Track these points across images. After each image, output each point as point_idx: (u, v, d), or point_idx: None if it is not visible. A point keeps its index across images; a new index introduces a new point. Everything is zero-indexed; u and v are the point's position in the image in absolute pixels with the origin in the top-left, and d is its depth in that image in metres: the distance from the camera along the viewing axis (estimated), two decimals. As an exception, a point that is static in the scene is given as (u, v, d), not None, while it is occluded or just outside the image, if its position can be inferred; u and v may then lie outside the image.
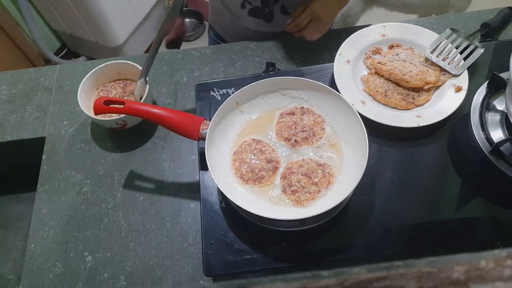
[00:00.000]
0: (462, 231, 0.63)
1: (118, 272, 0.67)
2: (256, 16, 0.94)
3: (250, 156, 0.66)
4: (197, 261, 0.67)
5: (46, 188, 0.77)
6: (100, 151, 0.80)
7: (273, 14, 0.93)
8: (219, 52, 0.92)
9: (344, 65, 0.79)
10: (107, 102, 0.66)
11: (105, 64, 0.82)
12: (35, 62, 1.92)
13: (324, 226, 0.63)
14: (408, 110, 0.74)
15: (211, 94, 0.79)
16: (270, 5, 0.91)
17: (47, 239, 0.71)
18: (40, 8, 1.85)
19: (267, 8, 0.92)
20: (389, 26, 0.83)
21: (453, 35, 0.79)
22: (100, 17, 1.72)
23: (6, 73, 0.93)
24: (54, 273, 0.68)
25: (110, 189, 0.76)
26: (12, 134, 0.84)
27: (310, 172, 0.63)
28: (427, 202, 0.66)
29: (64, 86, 0.90)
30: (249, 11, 0.93)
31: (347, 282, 0.18)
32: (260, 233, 0.64)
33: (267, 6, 0.92)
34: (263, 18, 0.95)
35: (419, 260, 0.18)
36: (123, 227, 0.72)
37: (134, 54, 2.01)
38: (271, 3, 0.91)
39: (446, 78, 0.76)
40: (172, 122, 0.65)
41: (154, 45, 0.72)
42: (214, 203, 0.68)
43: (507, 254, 0.18)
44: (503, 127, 0.68)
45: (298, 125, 0.68)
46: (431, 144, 0.72)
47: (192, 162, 0.77)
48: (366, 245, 0.63)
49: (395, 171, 0.69)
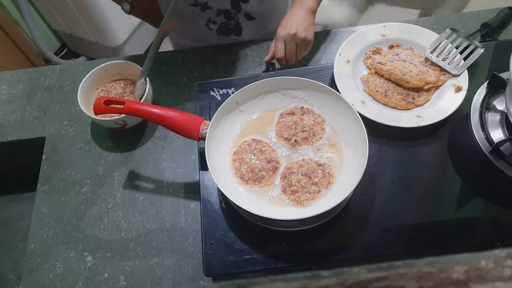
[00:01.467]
0: (462, 231, 0.63)
1: (118, 272, 0.67)
2: (225, 34, 0.93)
3: (250, 156, 0.66)
4: (197, 261, 0.67)
5: (46, 188, 0.77)
6: (100, 151, 0.80)
7: (240, 24, 0.92)
8: (219, 52, 0.92)
9: (344, 65, 0.79)
10: (107, 102, 0.66)
11: (105, 64, 0.82)
12: (35, 62, 1.92)
13: (324, 226, 0.63)
14: (408, 110, 0.74)
15: (211, 94, 0.79)
16: (233, 16, 0.89)
17: (47, 239, 0.71)
18: (40, 8, 1.85)
19: (232, 21, 0.90)
20: (389, 26, 0.83)
21: (453, 35, 0.79)
22: (100, 17, 1.72)
23: (6, 73, 0.93)
24: (54, 273, 0.68)
25: (110, 189, 0.76)
26: (12, 134, 0.84)
27: (310, 172, 0.63)
28: (427, 202, 0.66)
29: (64, 86, 0.90)
30: (217, 30, 0.92)
31: (347, 282, 0.18)
32: (260, 233, 0.64)
33: (231, 18, 0.90)
34: (233, 33, 0.93)
35: (419, 260, 0.18)
36: (123, 227, 0.72)
37: (134, 54, 2.00)
38: (233, 13, 0.89)
39: (446, 78, 0.76)
40: (172, 122, 0.65)
41: (154, 45, 0.72)
42: (214, 203, 0.68)
43: (507, 254, 0.18)
44: (503, 127, 0.68)
45: (298, 125, 0.68)
46: (431, 144, 0.72)
47: (192, 162, 0.77)
48: (366, 245, 0.63)
49: (395, 171, 0.69)
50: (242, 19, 0.91)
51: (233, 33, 0.94)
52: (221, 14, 0.88)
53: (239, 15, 0.89)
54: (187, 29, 0.95)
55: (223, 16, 0.89)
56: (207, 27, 0.91)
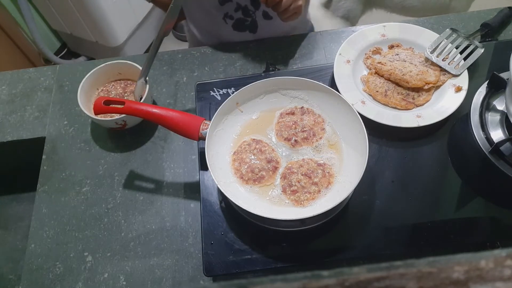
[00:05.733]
0: (462, 231, 0.63)
1: (118, 272, 0.67)
2: (240, 30, 0.93)
3: (250, 156, 0.66)
4: (197, 261, 0.67)
5: (46, 188, 0.77)
6: (100, 151, 0.80)
7: (256, 22, 0.92)
8: (219, 52, 0.92)
9: (344, 65, 0.79)
10: (107, 102, 0.66)
11: (105, 64, 0.82)
12: (35, 62, 1.92)
13: (324, 226, 0.63)
14: (408, 110, 0.74)
15: (211, 94, 0.79)
16: (251, 13, 0.90)
17: (47, 239, 0.71)
18: (40, 8, 1.85)
19: (249, 18, 0.91)
20: (389, 26, 0.83)
21: (453, 35, 0.79)
22: (100, 17, 1.72)
23: (6, 73, 0.93)
24: (54, 273, 0.68)
25: (110, 189, 0.76)
26: (12, 134, 0.84)
27: (310, 172, 0.63)
28: (427, 202, 0.66)
29: (64, 86, 0.90)
30: (233, 25, 0.93)
31: (347, 282, 0.18)
32: (260, 233, 0.64)
33: (249, 15, 0.90)
34: (249, 30, 0.94)
35: (419, 260, 0.18)
36: (123, 227, 0.72)
37: (134, 54, 2.01)
38: (252, 11, 0.89)
39: (446, 78, 0.76)
40: (172, 122, 0.65)
41: (154, 45, 0.72)
42: (214, 203, 0.68)
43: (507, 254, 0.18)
44: (503, 127, 0.68)
45: (298, 125, 0.68)
46: (431, 144, 0.72)
47: (192, 162, 0.77)
48: (366, 245, 0.63)
49: (395, 171, 0.69)
50: (259, 17, 0.91)
51: (248, 29, 0.94)
52: (239, 10, 0.89)
53: (257, 13, 0.90)
54: (204, 21, 0.96)
55: (241, 12, 0.89)
56: (224, 21, 0.92)
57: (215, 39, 0.97)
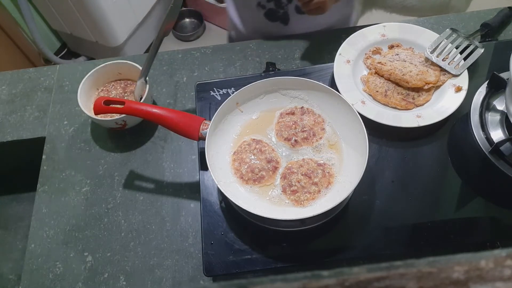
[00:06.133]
0: (462, 231, 0.63)
1: (118, 272, 0.67)
2: (272, 20, 0.94)
3: (250, 156, 0.66)
4: (197, 261, 0.67)
5: (46, 188, 0.77)
6: (100, 151, 0.80)
7: (288, 15, 0.93)
8: (219, 52, 0.92)
9: (344, 65, 0.79)
10: (107, 102, 0.66)
11: (105, 64, 0.82)
12: (35, 62, 1.92)
13: (324, 226, 0.63)
14: (408, 110, 0.74)
15: (211, 94, 0.79)
16: (284, 6, 0.91)
17: (47, 239, 0.71)
18: (40, 8, 1.85)
19: (281, 10, 0.92)
20: (389, 26, 0.83)
21: (453, 35, 0.79)
22: (100, 17, 1.72)
23: (6, 73, 0.93)
24: (54, 273, 0.68)
25: (110, 189, 0.76)
26: (12, 134, 0.84)
27: (310, 172, 0.63)
28: (427, 202, 0.66)
29: (64, 86, 0.90)
30: (265, 14, 0.94)
31: (347, 282, 0.18)
32: (260, 233, 0.64)
33: (281, 7, 0.91)
34: (280, 20, 0.94)
35: (419, 260, 0.18)
36: (123, 227, 0.72)
37: (134, 54, 2.01)
38: (284, 4, 0.90)
39: (446, 78, 0.76)
40: (172, 122, 0.65)
41: (154, 45, 0.72)
42: (214, 203, 0.68)
43: (507, 254, 0.18)
44: (503, 127, 0.68)
45: (298, 125, 0.68)
46: (431, 144, 0.72)
47: (192, 162, 0.77)
48: (366, 245, 0.63)
49: (395, 171, 0.69)
50: (291, 11, 0.92)
51: (279, 20, 0.94)
52: (271, 0, 0.90)
53: (289, 6, 0.91)
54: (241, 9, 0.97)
55: (273, 3, 0.90)
56: (257, 8, 0.93)
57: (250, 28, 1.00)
